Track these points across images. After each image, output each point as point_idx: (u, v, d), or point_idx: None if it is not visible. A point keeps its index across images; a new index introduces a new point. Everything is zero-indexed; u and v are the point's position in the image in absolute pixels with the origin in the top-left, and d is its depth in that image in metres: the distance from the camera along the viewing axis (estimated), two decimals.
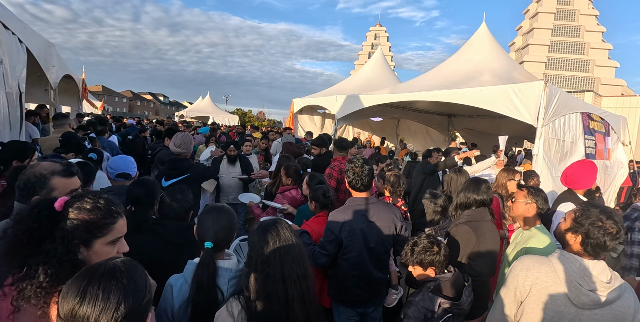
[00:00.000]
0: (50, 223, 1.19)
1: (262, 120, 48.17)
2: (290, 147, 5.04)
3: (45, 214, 1.20)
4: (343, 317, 2.65)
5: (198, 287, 1.61)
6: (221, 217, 1.74)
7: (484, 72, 7.61)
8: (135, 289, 0.93)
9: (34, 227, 1.17)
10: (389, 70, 12.83)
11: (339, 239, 2.47)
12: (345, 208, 2.58)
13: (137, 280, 0.95)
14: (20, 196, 1.62)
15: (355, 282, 2.52)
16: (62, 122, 4.91)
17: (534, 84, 5.61)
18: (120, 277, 0.92)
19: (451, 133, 13.50)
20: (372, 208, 2.56)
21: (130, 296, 0.91)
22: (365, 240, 2.50)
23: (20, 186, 1.61)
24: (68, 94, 8.91)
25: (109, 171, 2.84)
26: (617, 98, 24.41)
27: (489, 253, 2.52)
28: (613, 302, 1.60)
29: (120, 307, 0.88)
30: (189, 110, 27.03)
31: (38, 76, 5.94)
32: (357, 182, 2.54)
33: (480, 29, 9.08)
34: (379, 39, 66.49)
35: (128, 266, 0.97)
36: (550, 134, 5.65)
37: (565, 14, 45.56)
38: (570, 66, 45.10)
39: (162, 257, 1.92)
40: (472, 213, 2.61)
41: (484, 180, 2.77)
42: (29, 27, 4.90)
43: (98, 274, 0.91)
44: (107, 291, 0.88)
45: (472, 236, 2.47)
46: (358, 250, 2.48)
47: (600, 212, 1.67)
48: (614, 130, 7.98)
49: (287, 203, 3.54)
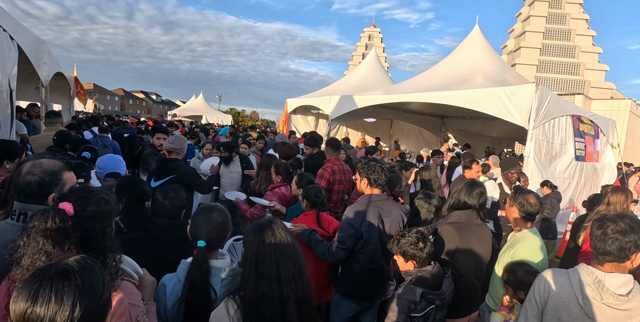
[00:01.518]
0: (72, 226, 1.21)
1: (255, 120, 48.02)
2: (283, 147, 5.04)
3: (65, 219, 1.22)
4: (343, 310, 2.70)
5: (191, 286, 1.61)
6: (214, 216, 1.75)
7: (477, 74, 7.69)
8: (91, 288, 0.91)
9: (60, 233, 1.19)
10: (382, 71, 12.89)
11: (359, 232, 2.56)
12: (362, 204, 2.66)
13: (92, 279, 0.93)
14: (28, 196, 1.56)
15: (370, 276, 2.63)
16: (54, 121, 4.85)
17: (526, 87, 5.69)
18: (74, 277, 0.90)
19: (444, 134, 13.60)
20: (386, 205, 2.70)
21: (85, 296, 0.88)
22: (381, 234, 2.62)
23: (33, 186, 1.55)
24: (59, 91, 8.81)
25: (97, 171, 2.81)
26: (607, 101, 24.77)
27: (474, 255, 2.54)
28: (631, 317, 1.57)
29: (76, 308, 0.86)
30: (182, 109, 26.89)
31: (29, 74, 5.86)
32: (379, 179, 2.67)
33: (473, 31, 9.17)
34: (373, 40, 66.65)
35: (82, 265, 0.94)
36: (540, 136, 5.73)
37: (556, 17, 46.09)
38: (561, 69, 45.62)
39: (155, 256, 1.91)
40: (461, 215, 2.64)
41: (480, 184, 2.78)
42: (21, 24, 4.83)
43: (49, 275, 0.88)
44: (59, 293, 0.86)
45: (455, 236, 2.50)
46: (375, 244, 2.60)
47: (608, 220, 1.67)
48: (603, 133, 8.11)
49: (277, 199, 3.59)
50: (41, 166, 1.60)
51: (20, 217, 1.52)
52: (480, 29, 9.15)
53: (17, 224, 1.50)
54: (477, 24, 9.20)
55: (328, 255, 2.61)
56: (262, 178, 4.17)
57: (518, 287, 2.21)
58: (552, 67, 45.71)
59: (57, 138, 3.96)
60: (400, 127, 14.08)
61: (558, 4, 46.17)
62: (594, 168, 7.46)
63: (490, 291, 2.75)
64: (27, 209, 1.53)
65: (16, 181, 1.56)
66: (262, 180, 4.16)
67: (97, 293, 0.92)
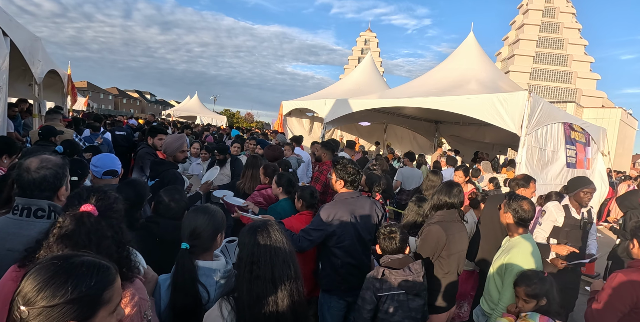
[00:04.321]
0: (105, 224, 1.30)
1: (250, 122, 47.91)
2: (268, 150, 5.02)
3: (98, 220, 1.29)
4: (334, 311, 2.77)
5: (175, 289, 1.61)
6: (200, 218, 1.74)
7: (471, 81, 7.76)
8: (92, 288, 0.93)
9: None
10: (378, 76, 12.95)
11: (327, 230, 2.67)
12: (335, 202, 2.82)
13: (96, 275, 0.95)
14: (44, 190, 1.57)
15: (350, 270, 2.72)
16: (53, 117, 4.95)
17: (519, 94, 5.75)
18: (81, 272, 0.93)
19: (437, 139, 13.68)
20: (358, 201, 2.85)
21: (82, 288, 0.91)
22: (356, 229, 2.74)
23: (49, 179, 1.58)
24: (52, 89, 8.74)
25: (94, 170, 2.74)
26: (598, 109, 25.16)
27: (458, 252, 2.70)
28: None
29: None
30: (176, 110, 26.72)
31: (22, 70, 5.81)
32: (354, 181, 2.83)
33: (468, 38, 9.25)
34: (369, 45, 66.96)
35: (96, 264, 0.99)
36: (533, 142, 5.79)
37: (550, 26, 46.74)
38: (554, 77, 46.21)
39: (154, 255, 1.89)
40: (444, 214, 2.77)
41: (457, 184, 2.95)
42: (15, 20, 4.79)
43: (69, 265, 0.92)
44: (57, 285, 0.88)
45: (443, 235, 2.61)
46: (350, 239, 2.72)
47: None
48: (594, 141, 8.22)
49: (261, 200, 3.65)
50: (50, 160, 1.62)
51: (23, 212, 1.53)
52: (475, 36, 9.24)
53: (22, 218, 1.51)
54: (472, 31, 9.30)
55: (292, 243, 2.66)
56: (247, 178, 4.22)
57: (536, 297, 2.22)
58: (545, 75, 46.28)
59: (43, 132, 3.96)
60: (394, 132, 14.14)
61: (552, 13, 46.86)
62: (584, 175, 7.55)
63: (485, 295, 2.78)
64: (32, 204, 1.54)
65: (26, 177, 1.55)
66: (247, 179, 4.21)
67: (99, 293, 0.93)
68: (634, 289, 2.08)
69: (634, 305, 2.08)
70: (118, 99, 75.44)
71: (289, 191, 3.34)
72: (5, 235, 1.45)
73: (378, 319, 2.29)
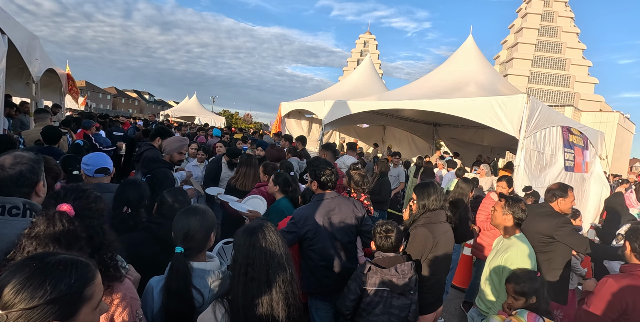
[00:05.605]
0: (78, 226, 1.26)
1: (248, 123, 47.90)
2: (272, 150, 5.07)
3: (71, 221, 1.25)
4: (322, 312, 2.72)
5: (168, 294, 1.58)
6: (190, 219, 1.71)
7: (470, 84, 7.77)
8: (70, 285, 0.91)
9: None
10: (376, 78, 12.95)
11: (300, 233, 2.63)
12: (310, 205, 2.77)
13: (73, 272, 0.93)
14: (22, 186, 1.55)
15: (325, 273, 2.67)
16: (44, 116, 4.94)
17: (517, 97, 5.75)
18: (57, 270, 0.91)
19: (436, 142, 13.70)
20: (334, 202, 2.78)
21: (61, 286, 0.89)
22: (330, 232, 2.68)
23: (26, 174, 1.56)
24: (50, 88, 8.70)
25: (85, 168, 2.69)
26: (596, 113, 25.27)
27: (444, 253, 2.69)
28: None
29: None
30: (175, 110, 26.68)
31: (20, 69, 5.79)
32: (328, 181, 2.79)
33: (467, 41, 9.27)
34: (368, 47, 67.14)
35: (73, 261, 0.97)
36: (531, 146, 5.79)
37: (548, 30, 47.00)
38: (552, 81, 46.44)
39: (155, 256, 1.88)
40: (430, 215, 2.72)
41: (438, 184, 2.96)
42: (13, 18, 4.76)
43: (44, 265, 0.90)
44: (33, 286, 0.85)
45: (430, 237, 2.59)
46: (323, 241, 2.66)
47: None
48: (592, 145, 8.23)
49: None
50: (24, 156, 1.59)
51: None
52: (474, 39, 9.25)
53: None
54: (471, 34, 9.31)
55: None
56: (241, 175, 4.26)
57: (524, 295, 2.25)
58: (543, 78, 46.50)
59: (47, 134, 3.94)
60: (392, 134, 14.15)
61: (550, 17, 47.11)
62: (582, 179, 7.56)
63: (480, 295, 2.78)
64: (6, 202, 1.49)
65: (1, 174, 1.52)
66: (240, 176, 4.25)
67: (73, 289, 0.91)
68: (624, 295, 2.08)
69: (623, 311, 2.08)
70: (116, 98, 75.32)
71: (285, 191, 3.34)
72: None
73: (359, 308, 2.36)
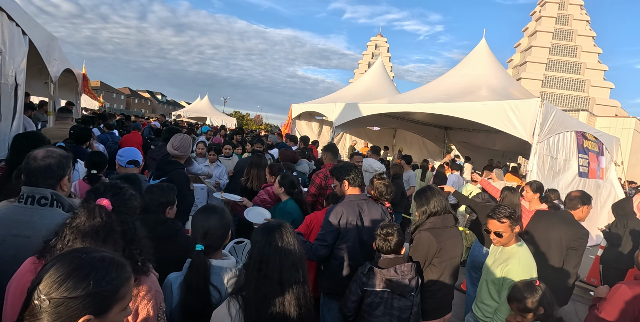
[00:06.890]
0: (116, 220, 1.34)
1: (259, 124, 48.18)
2: (286, 152, 5.12)
3: (109, 214, 1.33)
4: (334, 313, 2.71)
5: (188, 290, 1.63)
6: (210, 218, 1.77)
7: (482, 87, 7.71)
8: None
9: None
10: (388, 81, 12.94)
11: (339, 230, 2.66)
12: (342, 203, 2.80)
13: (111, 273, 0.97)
14: (48, 178, 1.64)
15: (350, 273, 2.65)
16: (66, 116, 5.09)
17: (531, 101, 5.70)
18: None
19: (447, 145, 13.61)
20: (365, 204, 2.83)
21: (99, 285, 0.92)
22: (359, 232, 2.71)
23: (54, 167, 1.66)
24: (67, 88, 8.88)
25: (119, 159, 3.12)
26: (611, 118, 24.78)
27: (450, 258, 2.65)
28: None
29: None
30: (186, 111, 26.97)
31: (39, 69, 5.91)
32: (356, 179, 2.87)
33: (480, 44, 9.21)
34: (380, 49, 67.01)
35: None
36: (544, 151, 5.73)
37: (563, 33, 46.38)
38: (566, 85, 45.78)
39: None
40: (435, 220, 2.69)
41: (435, 188, 2.89)
42: (33, 20, 4.88)
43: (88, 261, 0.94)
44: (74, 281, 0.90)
45: (434, 242, 2.55)
46: (352, 241, 2.69)
47: None
48: (608, 151, 8.09)
49: (268, 197, 3.72)
50: (55, 151, 1.73)
51: (28, 200, 1.60)
52: (487, 42, 9.19)
53: (26, 206, 1.60)
54: (484, 37, 9.25)
55: (311, 253, 2.64)
56: (253, 176, 4.27)
57: (529, 311, 2.22)
58: (557, 82, 45.86)
59: (77, 135, 4.11)
60: (403, 137, 14.10)
61: (565, 21, 46.49)
62: (597, 185, 7.43)
63: (478, 302, 2.75)
64: (35, 193, 1.61)
65: (32, 164, 1.63)
66: (253, 178, 4.26)
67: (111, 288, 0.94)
68: (637, 302, 2.06)
69: (635, 319, 2.06)
70: (130, 98, 76.41)
71: (290, 192, 3.37)
72: (10, 222, 1.55)
73: (361, 310, 2.37)
